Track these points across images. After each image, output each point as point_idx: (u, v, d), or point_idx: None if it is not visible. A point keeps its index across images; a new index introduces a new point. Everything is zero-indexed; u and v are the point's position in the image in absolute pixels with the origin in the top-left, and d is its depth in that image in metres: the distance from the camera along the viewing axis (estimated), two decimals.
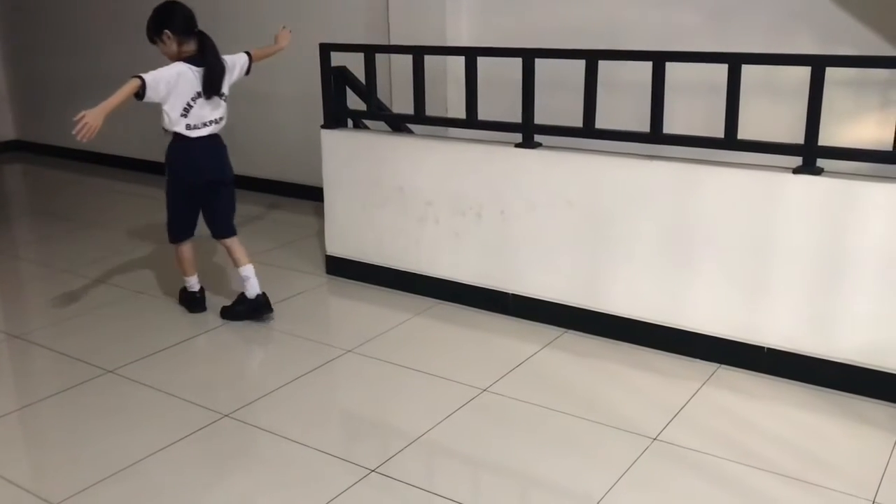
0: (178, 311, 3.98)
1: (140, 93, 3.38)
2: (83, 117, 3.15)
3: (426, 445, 2.78)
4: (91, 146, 7.18)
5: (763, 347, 3.18)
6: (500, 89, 3.94)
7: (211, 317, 3.88)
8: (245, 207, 5.86)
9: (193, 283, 3.94)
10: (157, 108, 3.57)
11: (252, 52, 3.89)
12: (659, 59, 3.23)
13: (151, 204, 6.03)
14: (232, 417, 2.96)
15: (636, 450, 2.70)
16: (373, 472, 2.61)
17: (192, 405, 3.05)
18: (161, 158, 3.76)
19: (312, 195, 5.68)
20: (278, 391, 3.16)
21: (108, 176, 6.96)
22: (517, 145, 3.65)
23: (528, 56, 3.54)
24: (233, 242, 3.82)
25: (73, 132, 3.13)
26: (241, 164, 6.29)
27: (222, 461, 2.71)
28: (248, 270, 3.79)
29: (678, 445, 2.73)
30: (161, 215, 3.91)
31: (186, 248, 3.88)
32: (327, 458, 2.70)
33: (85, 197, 6.38)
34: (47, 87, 7.63)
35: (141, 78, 3.39)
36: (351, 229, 4.28)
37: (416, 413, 2.98)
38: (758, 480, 2.54)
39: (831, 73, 2.95)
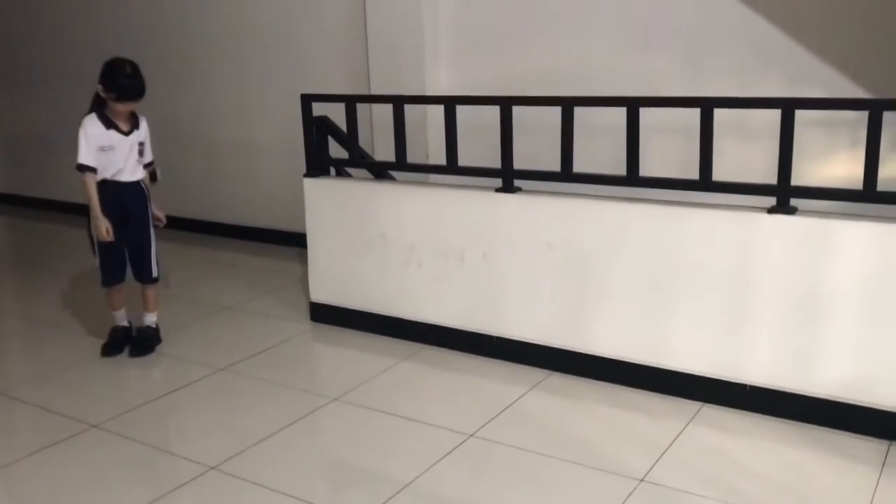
0: (162, 364, 3.96)
1: None
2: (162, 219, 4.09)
3: (414, 493, 2.77)
4: (72, 197, 7.20)
5: (746, 385, 3.22)
6: (479, 135, 4.00)
7: (195, 368, 3.87)
8: (229, 255, 5.90)
9: None
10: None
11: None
12: (633, 105, 3.31)
13: None
14: (219, 470, 2.94)
15: (624, 492, 2.71)
16: None
17: (179, 458, 3.04)
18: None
19: (296, 242, 5.71)
20: (265, 442, 3.15)
21: None
22: (497, 190, 3.70)
23: (506, 104, 3.61)
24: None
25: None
26: (224, 211, 6.39)
27: None
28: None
29: (665, 486, 2.75)
30: None
31: None
32: None
33: (68, 249, 6.36)
34: (29, 140, 7.65)
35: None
36: (335, 276, 4.30)
37: (403, 460, 2.98)
38: None
39: (801, 114, 3.03)
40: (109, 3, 6.61)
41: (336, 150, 4.38)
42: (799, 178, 3.12)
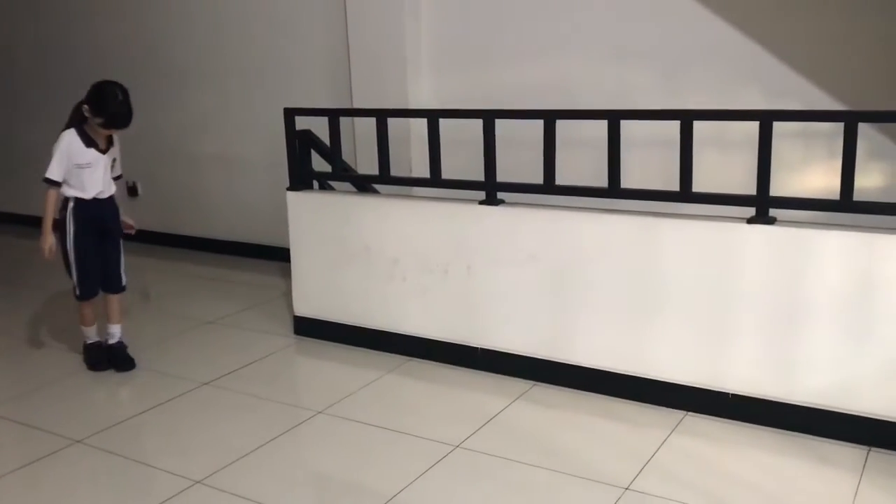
0: (145, 379, 3.94)
1: None
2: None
3: None
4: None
5: (728, 393, 3.25)
6: (461, 148, 4.03)
7: (178, 383, 3.85)
8: (210, 270, 5.88)
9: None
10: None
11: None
12: (614, 118, 3.35)
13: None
14: (204, 484, 2.93)
15: (609, 500, 2.74)
16: None
17: (164, 472, 3.03)
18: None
19: (278, 256, 5.71)
20: (250, 455, 3.14)
21: None
22: (481, 202, 3.73)
23: (488, 117, 3.65)
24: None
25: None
26: (206, 226, 6.38)
27: None
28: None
29: (650, 494, 2.77)
30: None
31: None
32: None
33: (44, 266, 6.31)
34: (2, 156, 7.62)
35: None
36: (318, 289, 4.31)
37: (390, 473, 2.98)
38: None
39: (779, 126, 3.09)
40: (92, 16, 6.61)
41: (319, 164, 4.40)
42: (777, 188, 3.17)
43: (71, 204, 3.84)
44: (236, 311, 4.90)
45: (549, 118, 3.50)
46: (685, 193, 3.26)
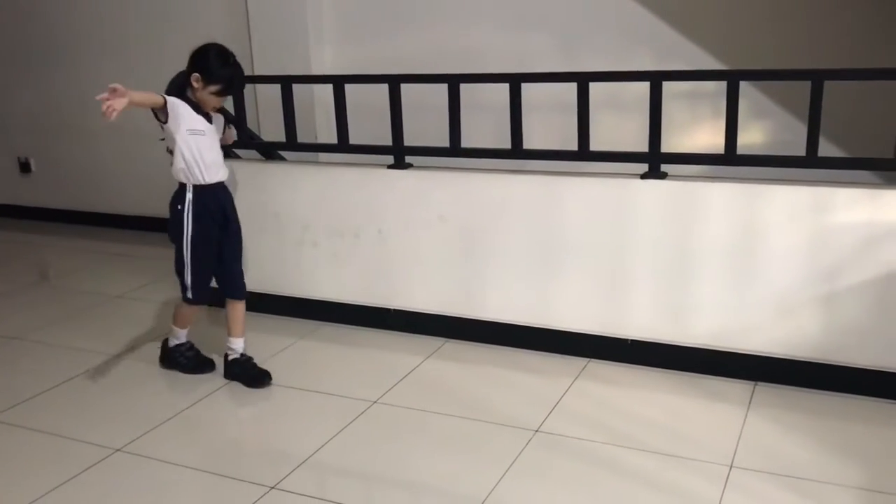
0: (52, 355, 3.88)
1: None
2: None
3: (322, 460, 2.87)
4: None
5: (627, 340, 3.47)
6: (366, 114, 4.09)
7: (87, 356, 3.80)
8: (112, 245, 5.77)
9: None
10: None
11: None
12: (515, 81, 3.48)
13: (21, 249, 5.82)
14: (125, 451, 2.95)
15: (521, 441, 2.91)
16: (272, 490, 2.68)
17: (83, 443, 3.02)
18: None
19: None
20: (170, 422, 3.17)
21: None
22: (389, 167, 3.81)
23: (394, 81, 3.72)
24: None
25: None
26: (104, 201, 6.22)
27: (120, 494, 2.71)
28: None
29: (558, 434, 2.95)
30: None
31: None
32: (228, 482, 2.75)
33: None
34: None
35: None
36: None
37: (310, 431, 3.06)
38: (631, 458, 2.79)
39: (668, 86, 3.28)
40: None
41: None
42: (668, 146, 3.38)
43: (189, 195, 3.40)
44: (143, 284, 4.84)
45: (453, 82, 3.60)
46: (583, 152, 3.43)
